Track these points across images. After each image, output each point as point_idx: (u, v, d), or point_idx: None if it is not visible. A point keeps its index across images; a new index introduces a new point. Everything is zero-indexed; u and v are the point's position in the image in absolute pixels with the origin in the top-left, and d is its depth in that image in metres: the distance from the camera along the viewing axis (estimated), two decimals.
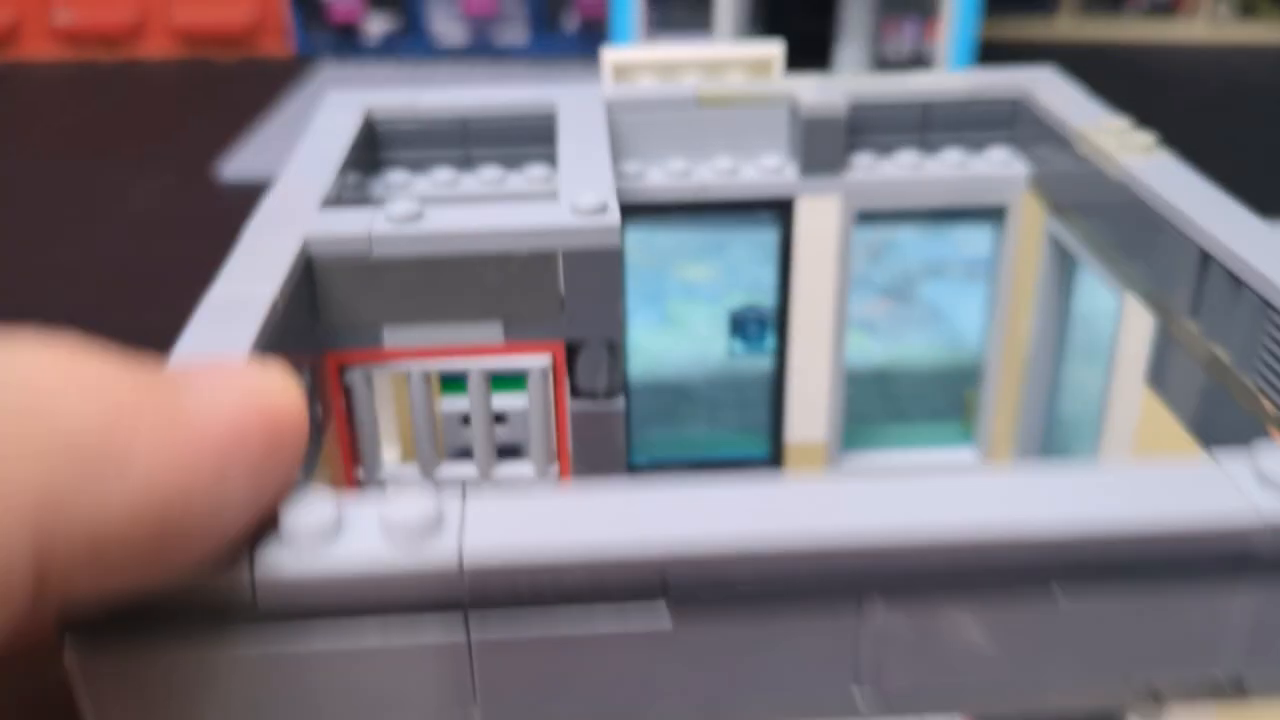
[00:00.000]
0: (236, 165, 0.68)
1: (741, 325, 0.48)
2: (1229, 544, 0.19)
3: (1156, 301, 0.35)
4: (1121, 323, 0.38)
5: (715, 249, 0.47)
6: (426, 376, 0.36)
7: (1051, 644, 0.20)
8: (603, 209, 0.33)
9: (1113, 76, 1.03)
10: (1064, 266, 0.44)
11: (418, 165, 0.45)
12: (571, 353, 0.36)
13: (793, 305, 0.47)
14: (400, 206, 0.33)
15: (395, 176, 0.44)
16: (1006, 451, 0.49)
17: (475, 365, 0.35)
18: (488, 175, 0.44)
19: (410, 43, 1.00)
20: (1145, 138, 0.38)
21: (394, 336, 0.35)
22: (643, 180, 0.44)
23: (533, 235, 0.33)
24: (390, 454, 0.43)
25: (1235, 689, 0.20)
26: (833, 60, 1.06)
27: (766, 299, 0.49)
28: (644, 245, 0.46)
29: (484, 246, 0.33)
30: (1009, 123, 0.46)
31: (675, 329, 0.51)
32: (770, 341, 0.49)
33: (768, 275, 0.48)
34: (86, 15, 0.82)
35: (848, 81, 0.45)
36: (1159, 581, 0.19)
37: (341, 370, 0.35)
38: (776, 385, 0.49)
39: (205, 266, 0.59)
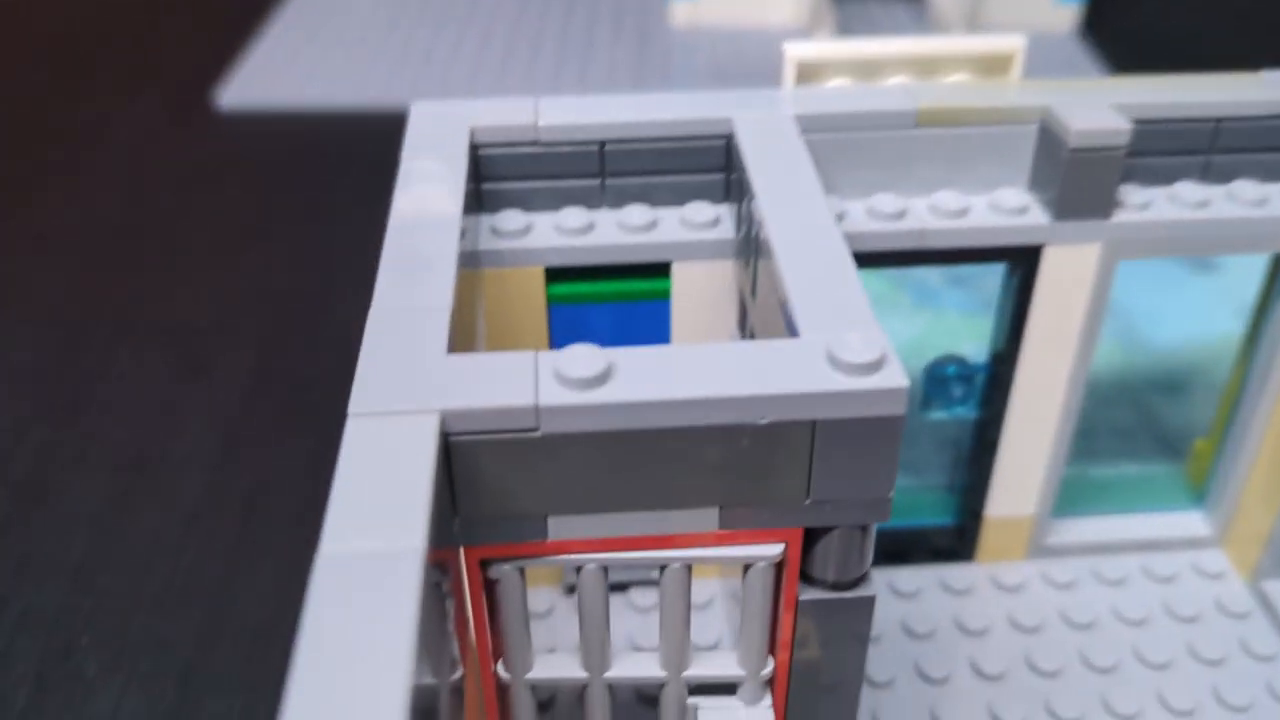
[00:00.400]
0: (236, 91, 0.56)
1: (941, 384, 0.38)
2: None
3: None
4: None
5: (917, 290, 0.36)
6: (603, 569, 0.25)
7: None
8: (879, 364, 0.22)
9: None
10: None
11: (537, 201, 0.33)
12: (811, 537, 0.25)
13: (1020, 367, 0.36)
14: (580, 362, 0.22)
15: (509, 219, 0.33)
16: (1257, 525, 0.39)
17: (677, 557, 0.25)
18: (633, 219, 0.33)
19: None
20: None
21: (562, 528, 0.24)
22: (842, 223, 0.33)
23: (779, 403, 0.22)
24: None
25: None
26: None
27: (971, 351, 0.38)
28: None
29: (702, 418, 0.22)
30: None
31: None
32: (973, 405, 0.38)
33: (978, 325, 0.37)
34: None
35: (1118, 90, 0.34)
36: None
37: (485, 563, 0.25)
38: (981, 452, 0.39)
39: (213, 221, 0.46)
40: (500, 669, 0.27)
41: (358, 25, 0.78)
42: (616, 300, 0.34)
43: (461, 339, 0.29)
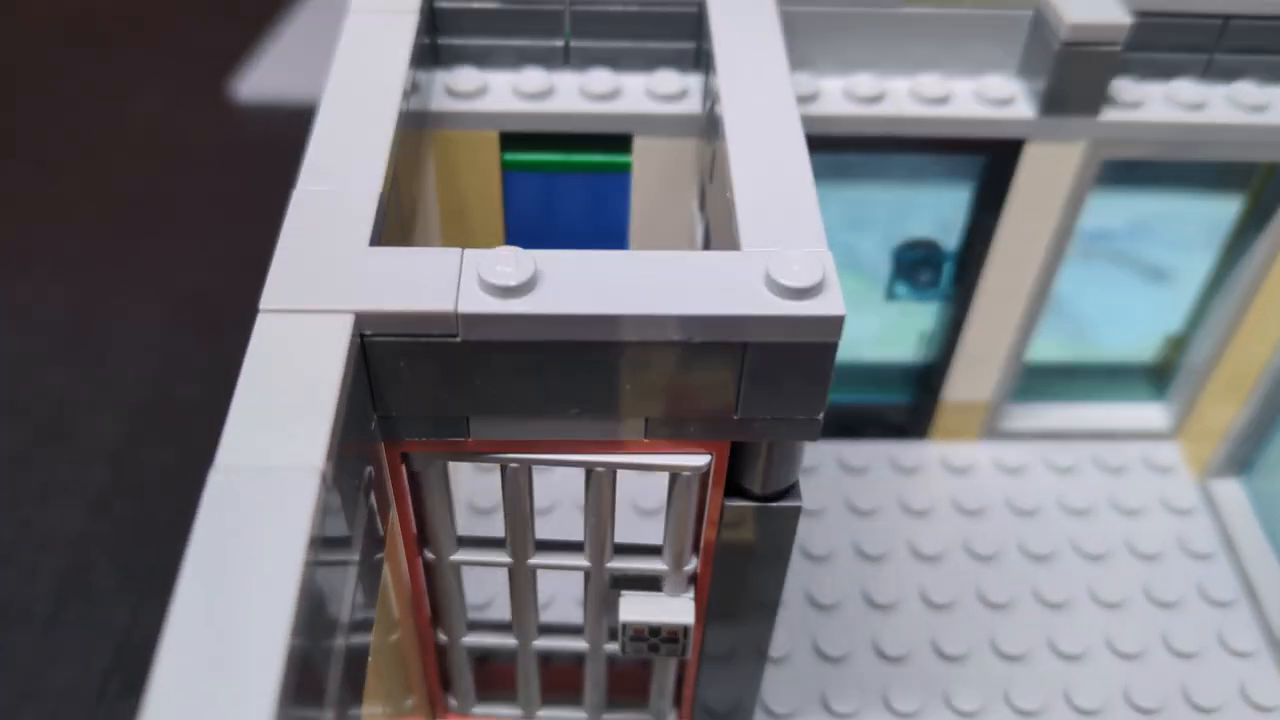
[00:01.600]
0: (252, 83, 0.57)
1: (910, 268, 0.37)
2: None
3: None
4: None
5: (889, 171, 0.35)
6: (526, 470, 0.25)
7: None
8: (818, 288, 0.21)
9: None
10: None
11: (495, 57, 0.32)
12: (738, 451, 0.25)
13: (990, 257, 0.35)
14: (504, 268, 0.21)
15: (463, 78, 0.31)
16: (1211, 422, 0.39)
17: (599, 461, 0.25)
18: (595, 85, 0.31)
19: None
20: None
21: (484, 428, 0.24)
22: (817, 104, 0.31)
23: (708, 324, 0.21)
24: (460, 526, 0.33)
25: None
26: None
27: (942, 237, 0.37)
28: None
29: (629, 334, 0.22)
30: None
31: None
32: (943, 289, 0.37)
33: (951, 210, 0.36)
34: None
35: None
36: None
37: (407, 456, 0.25)
38: (947, 338, 0.38)
39: (225, 199, 0.49)
40: (428, 553, 0.27)
41: None
42: (574, 171, 0.32)
43: (405, 206, 0.28)
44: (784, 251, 0.22)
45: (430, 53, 0.31)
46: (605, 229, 0.34)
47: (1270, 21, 0.31)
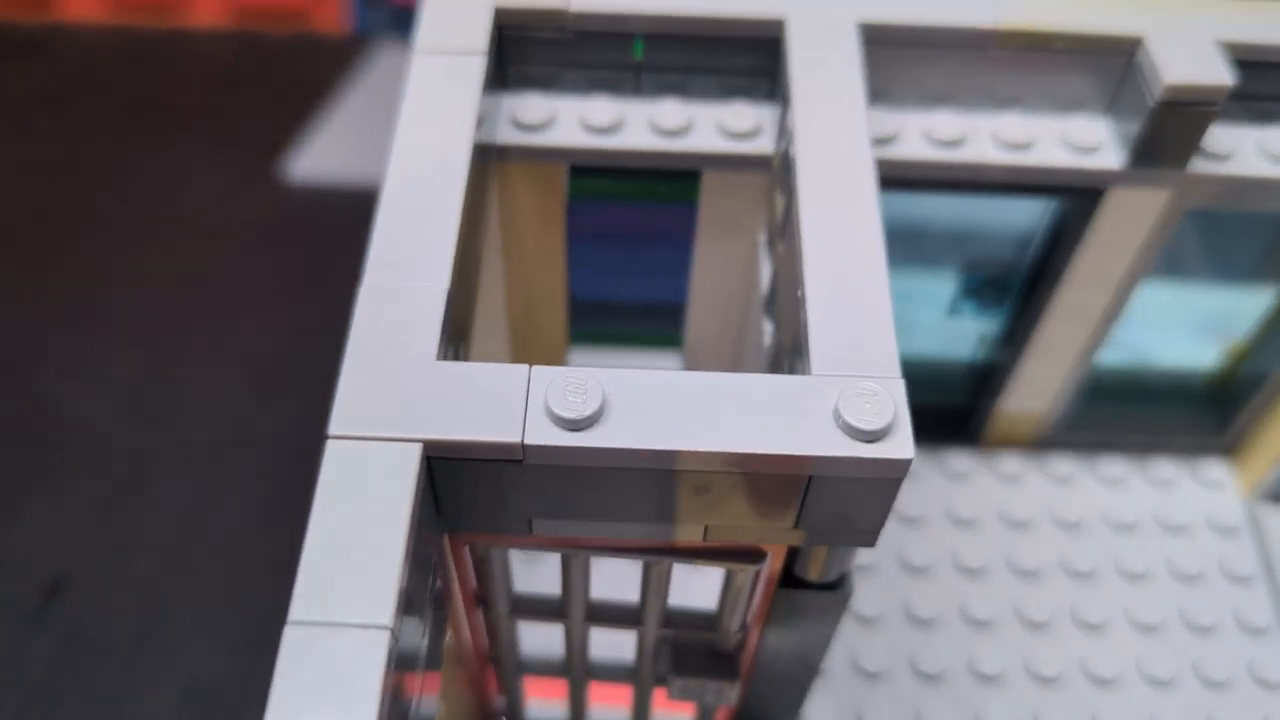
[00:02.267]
0: (302, 164, 0.59)
1: (975, 288, 0.36)
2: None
3: None
4: None
5: (964, 208, 0.34)
6: (584, 560, 0.25)
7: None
8: (887, 431, 0.21)
9: None
10: None
11: (565, 84, 0.30)
12: (792, 554, 0.25)
13: (1059, 290, 0.34)
14: (571, 399, 0.21)
15: (532, 107, 0.30)
16: (1272, 452, 0.39)
17: (660, 560, 0.25)
18: (666, 119, 0.30)
19: None
20: None
21: (546, 526, 0.24)
22: (896, 146, 0.30)
23: (774, 461, 0.21)
24: None
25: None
26: None
27: (1014, 255, 0.36)
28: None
29: (696, 465, 0.22)
30: None
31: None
32: (1003, 311, 0.37)
33: (1025, 232, 0.35)
34: None
35: (1233, 19, 0.29)
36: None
37: (473, 545, 0.25)
38: (1002, 357, 0.38)
39: (278, 272, 0.52)
40: (485, 610, 0.28)
41: None
42: (639, 200, 0.32)
43: (470, 239, 0.28)
44: (856, 382, 0.22)
45: (498, 79, 0.30)
46: (668, 261, 0.33)
47: None
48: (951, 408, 0.41)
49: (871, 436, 0.21)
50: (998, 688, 0.35)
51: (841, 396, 0.21)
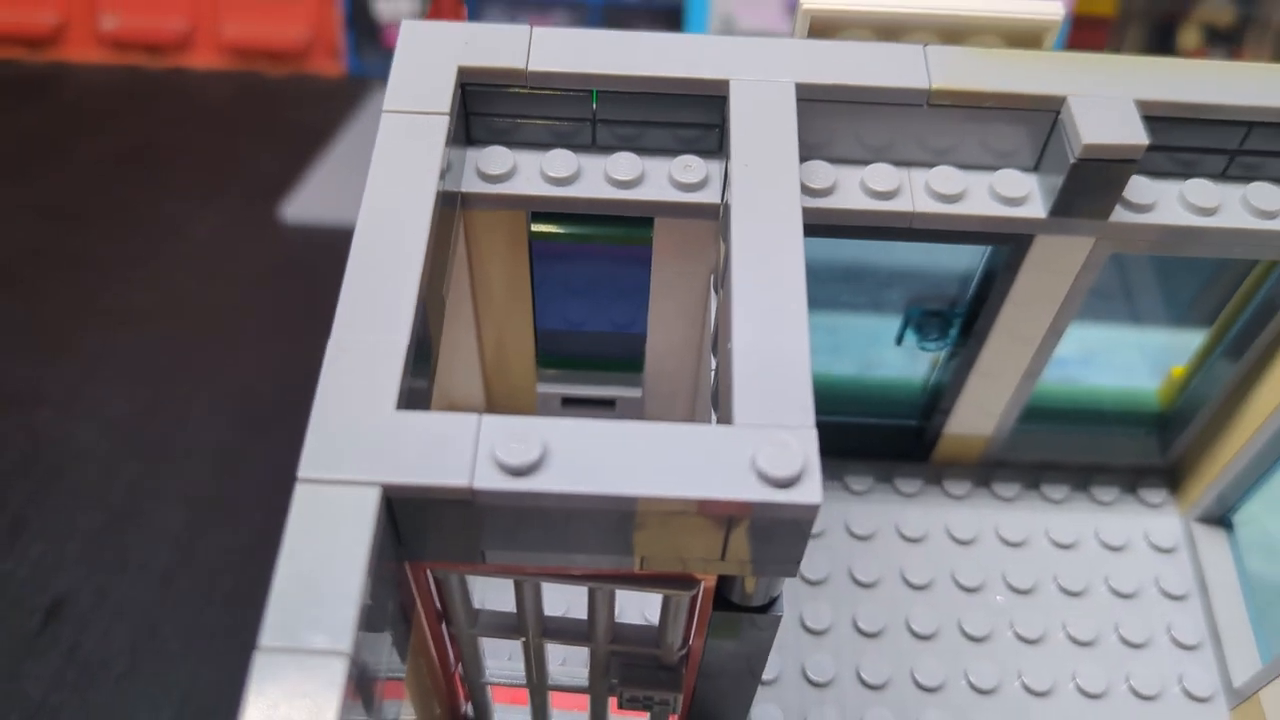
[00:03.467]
0: (298, 205, 0.62)
1: (922, 323, 0.38)
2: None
3: None
4: None
5: (906, 249, 0.36)
6: (535, 584, 0.28)
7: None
8: (798, 478, 0.24)
9: None
10: None
11: (525, 136, 0.33)
12: (725, 580, 0.27)
13: (996, 325, 0.37)
14: (514, 446, 0.24)
15: (495, 159, 0.32)
16: (1208, 473, 0.41)
17: (600, 587, 0.27)
18: (620, 170, 0.32)
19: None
20: None
21: (499, 556, 0.26)
22: (831, 198, 0.32)
23: (694, 505, 0.24)
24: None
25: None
26: None
27: (955, 294, 0.38)
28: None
29: (625, 508, 0.24)
30: None
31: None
32: (949, 344, 0.39)
33: (964, 275, 0.37)
34: (134, 21, 0.68)
35: (1145, 75, 0.31)
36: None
37: (431, 569, 0.28)
38: (949, 389, 0.40)
39: (274, 310, 0.55)
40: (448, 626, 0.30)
41: None
42: (597, 242, 0.34)
43: (435, 285, 0.30)
44: (772, 432, 0.24)
45: (463, 134, 0.32)
46: (627, 294, 0.35)
47: None
48: (903, 430, 0.43)
49: (783, 483, 0.23)
50: (939, 694, 0.38)
51: (758, 446, 0.24)
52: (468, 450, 0.24)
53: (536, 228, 0.33)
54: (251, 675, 0.22)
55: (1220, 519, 0.41)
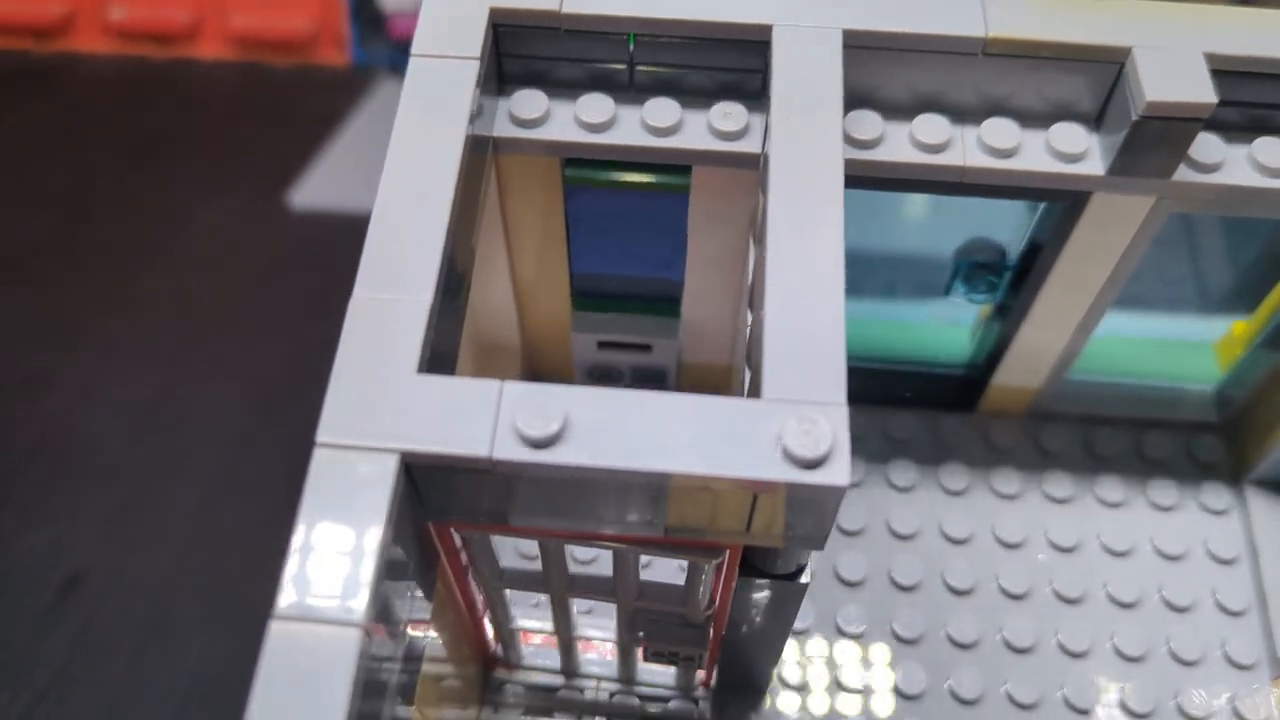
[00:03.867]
0: (306, 194, 0.61)
1: (971, 274, 0.37)
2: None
3: None
4: None
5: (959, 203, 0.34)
6: (560, 545, 0.28)
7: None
8: (826, 459, 0.23)
9: None
10: None
11: (561, 80, 0.32)
12: (752, 547, 0.27)
13: (1049, 279, 0.35)
14: (535, 418, 0.23)
15: (529, 103, 0.31)
16: (1266, 432, 0.40)
17: (627, 550, 0.27)
18: (658, 117, 0.31)
19: None
20: None
21: (522, 520, 0.26)
22: (880, 149, 0.31)
23: (719, 482, 0.23)
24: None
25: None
26: None
27: (1009, 244, 0.36)
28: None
29: (650, 482, 0.24)
30: None
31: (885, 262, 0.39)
32: (1000, 296, 0.38)
33: (1018, 226, 0.35)
34: (141, 11, 0.68)
35: (1226, 27, 0.29)
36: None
37: (456, 528, 0.27)
38: (999, 342, 0.39)
39: (282, 298, 0.54)
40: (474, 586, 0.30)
41: None
42: (634, 189, 0.33)
43: (463, 234, 0.29)
44: (802, 409, 0.23)
45: (495, 78, 0.31)
46: (664, 244, 0.34)
47: None
48: (950, 379, 0.42)
49: (811, 464, 0.23)
50: (973, 651, 0.37)
51: (785, 423, 0.23)
52: (488, 419, 0.23)
53: (570, 173, 0.32)
54: (265, 645, 0.22)
55: (1278, 484, 0.40)
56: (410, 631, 0.26)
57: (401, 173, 0.27)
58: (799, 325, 0.25)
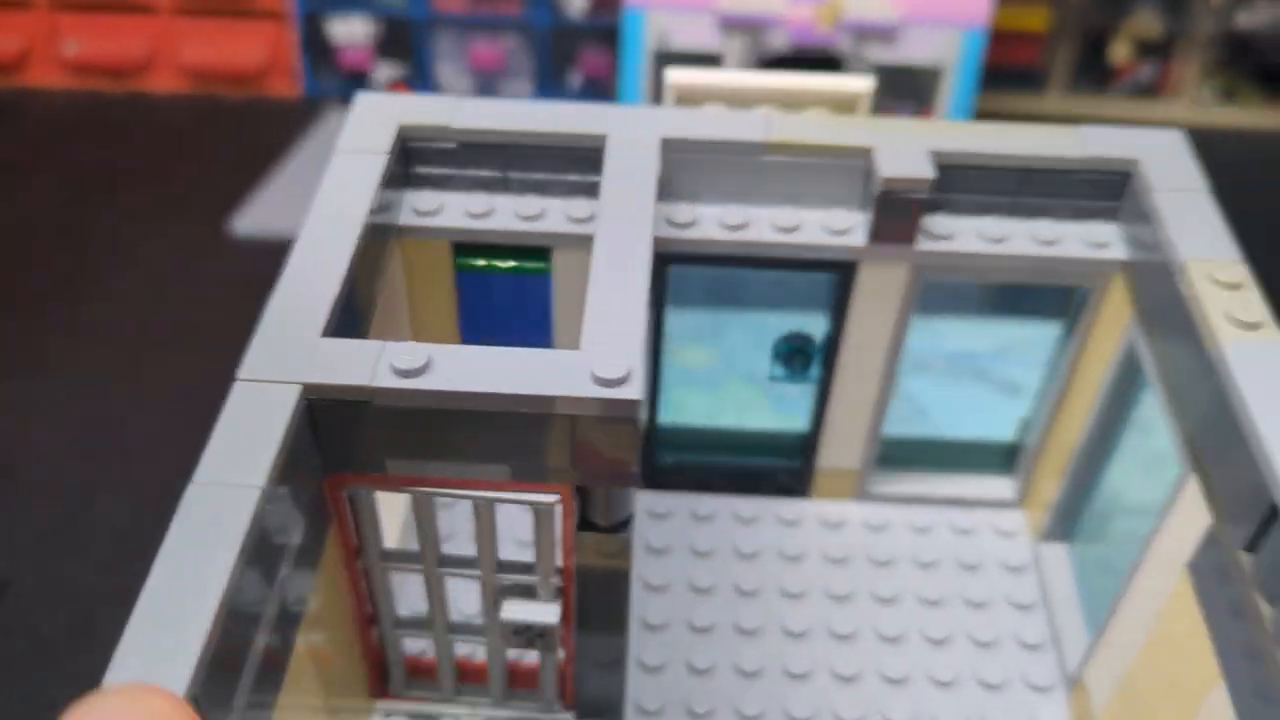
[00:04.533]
0: (249, 219, 0.67)
1: (786, 355, 0.45)
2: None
3: (1219, 511, 0.32)
4: (1177, 501, 0.35)
5: (773, 285, 0.44)
6: (428, 499, 0.34)
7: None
8: (625, 379, 0.30)
9: None
10: (1132, 381, 0.40)
11: (451, 184, 0.41)
12: (582, 492, 0.34)
13: (843, 352, 0.44)
14: (406, 356, 0.31)
15: (426, 199, 0.41)
16: (1042, 492, 0.47)
17: (479, 495, 0.34)
18: (526, 209, 0.40)
19: (417, 91, 0.96)
20: (1258, 310, 0.33)
21: (398, 466, 0.33)
22: (693, 230, 0.40)
23: (545, 401, 0.30)
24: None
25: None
26: None
27: (813, 330, 0.45)
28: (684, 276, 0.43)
29: (492, 406, 0.31)
30: (1115, 196, 0.40)
31: (713, 348, 0.48)
32: (814, 372, 0.46)
33: (817, 310, 0.44)
34: (95, 46, 0.78)
35: (940, 133, 0.40)
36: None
37: (342, 485, 0.34)
38: (816, 416, 0.47)
39: (224, 318, 0.57)
40: (360, 562, 0.36)
41: None
42: (510, 274, 0.42)
43: (367, 300, 0.37)
44: (608, 353, 0.31)
45: (402, 179, 0.41)
46: (535, 318, 0.43)
47: (1063, 174, 0.40)
48: (785, 469, 0.49)
49: (612, 384, 0.30)
50: (805, 683, 0.42)
51: (595, 358, 0.31)
52: (371, 361, 0.31)
53: (460, 260, 0.41)
54: (180, 505, 0.28)
55: (1062, 538, 0.47)
56: (297, 579, 0.32)
57: (310, 245, 0.35)
58: (612, 303, 0.33)
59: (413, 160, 0.41)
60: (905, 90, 0.89)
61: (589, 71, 1.03)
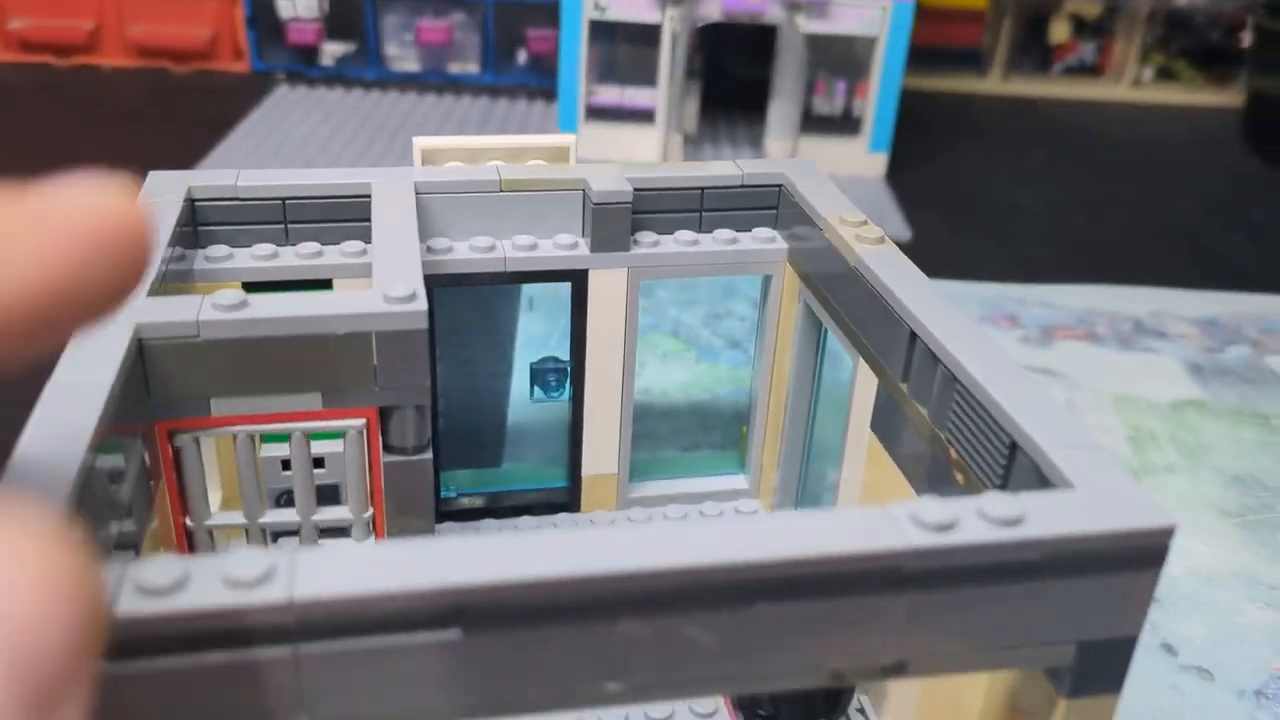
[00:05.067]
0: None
1: (541, 376, 0.54)
2: (888, 563, 0.26)
3: (879, 366, 0.43)
4: (855, 381, 0.45)
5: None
6: (251, 437, 0.40)
7: (761, 641, 0.26)
8: (411, 297, 0.38)
9: (1034, 130, 1.07)
10: (814, 329, 0.51)
11: (238, 240, 0.48)
12: (384, 416, 0.40)
13: (587, 359, 0.53)
14: (226, 295, 0.37)
15: (217, 251, 0.48)
16: (770, 480, 0.56)
17: (296, 427, 0.39)
18: (305, 250, 0.48)
19: (364, 68, 1.04)
20: (876, 230, 0.45)
21: (221, 406, 0.38)
22: (451, 255, 0.49)
23: (349, 320, 0.38)
24: (215, 501, 0.46)
25: (898, 669, 0.28)
26: (766, 116, 1.14)
27: (563, 352, 0.54)
28: (449, 305, 0.52)
29: (304, 330, 0.37)
30: (773, 205, 0.53)
31: (478, 376, 0.56)
32: (567, 390, 0.54)
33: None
34: (42, 21, 0.81)
35: (633, 170, 0.51)
36: (841, 593, 0.26)
37: (171, 434, 0.39)
38: (574, 427, 0.54)
39: None
40: (189, 521, 0.40)
41: (297, 139, 0.93)
42: None
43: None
44: (395, 281, 0.39)
45: (193, 236, 0.48)
46: None
47: (729, 191, 0.52)
48: (556, 487, 0.56)
49: (401, 301, 0.38)
50: None
51: (386, 288, 0.38)
52: (195, 306, 0.37)
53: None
54: (16, 449, 0.32)
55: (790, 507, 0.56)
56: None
57: None
58: (393, 266, 0.41)
59: (199, 220, 0.48)
60: (838, 65, 0.94)
61: (534, 49, 1.09)
